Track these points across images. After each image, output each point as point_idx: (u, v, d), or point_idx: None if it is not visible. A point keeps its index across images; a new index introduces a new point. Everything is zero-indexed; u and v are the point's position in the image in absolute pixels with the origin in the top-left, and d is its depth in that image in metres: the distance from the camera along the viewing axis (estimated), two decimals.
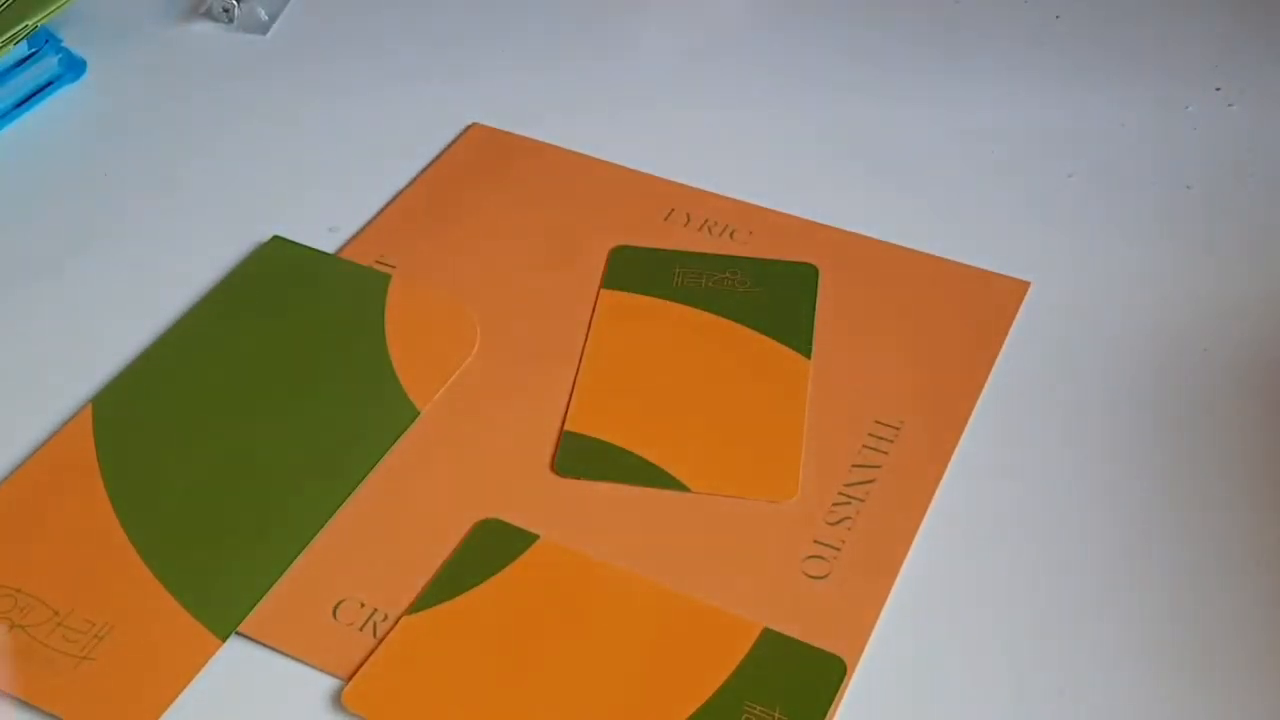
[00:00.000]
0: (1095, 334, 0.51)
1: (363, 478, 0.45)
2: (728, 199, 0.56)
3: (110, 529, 0.44)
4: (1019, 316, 0.51)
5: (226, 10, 0.67)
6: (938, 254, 0.53)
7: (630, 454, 0.47)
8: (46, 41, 0.64)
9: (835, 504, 0.45)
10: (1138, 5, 0.66)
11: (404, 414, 0.47)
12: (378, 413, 0.47)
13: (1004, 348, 0.50)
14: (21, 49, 0.62)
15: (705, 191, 0.57)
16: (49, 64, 0.64)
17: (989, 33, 0.65)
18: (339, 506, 0.45)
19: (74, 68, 0.64)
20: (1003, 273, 0.53)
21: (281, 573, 0.43)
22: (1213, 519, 0.45)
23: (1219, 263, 0.53)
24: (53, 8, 0.61)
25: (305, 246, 0.54)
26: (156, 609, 0.42)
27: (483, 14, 0.68)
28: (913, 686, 0.41)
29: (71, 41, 0.65)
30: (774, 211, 0.56)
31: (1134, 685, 0.40)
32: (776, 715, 0.39)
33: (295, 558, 0.43)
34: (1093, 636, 0.42)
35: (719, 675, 0.40)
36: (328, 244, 0.55)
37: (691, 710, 0.40)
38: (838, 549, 0.44)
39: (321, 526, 0.44)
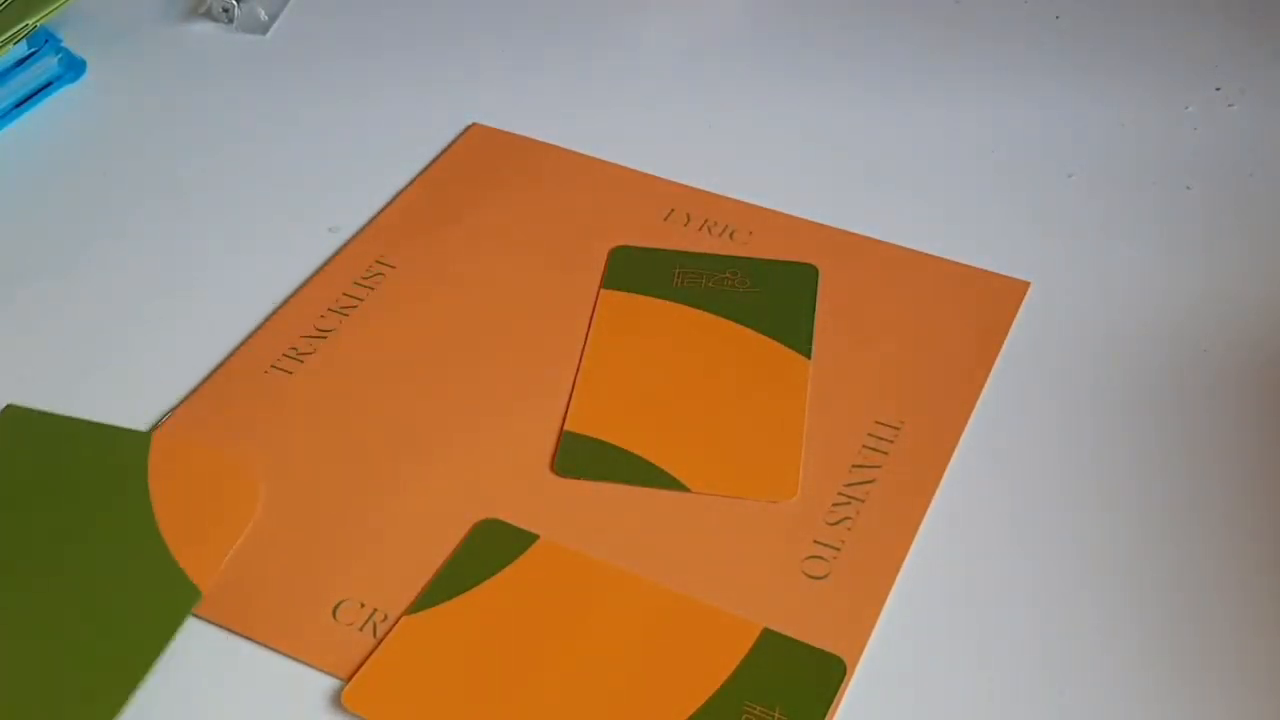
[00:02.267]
0: (1095, 334, 0.51)
1: (137, 683, 0.39)
2: (728, 199, 0.56)
3: None
4: (1019, 316, 0.51)
5: (226, 10, 0.67)
6: (938, 254, 0.53)
7: (630, 454, 0.47)
8: (46, 41, 0.64)
9: (835, 504, 0.45)
10: (1138, 5, 0.66)
11: (182, 594, 0.41)
12: (151, 597, 0.41)
13: (1004, 348, 0.50)
14: (21, 49, 0.62)
15: (705, 191, 0.57)
16: (49, 64, 0.64)
17: (989, 33, 0.65)
18: (126, 697, 0.39)
19: (74, 68, 0.64)
20: (1003, 273, 0.53)
21: None
22: (1212, 519, 0.45)
23: (1219, 263, 0.53)
24: (52, 8, 0.61)
25: (45, 412, 0.47)
26: None
27: (483, 14, 0.68)
28: (913, 686, 0.41)
29: (71, 41, 0.65)
30: (774, 211, 0.56)
31: (1134, 685, 0.40)
32: (776, 715, 0.39)
33: None
34: (1092, 636, 0.42)
35: (719, 675, 0.40)
36: (328, 244, 0.55)
37: (691, 710, 0.40)
38: (838, 549, 0.44)
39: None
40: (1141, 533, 0.44)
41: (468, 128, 0.61)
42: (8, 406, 0.48)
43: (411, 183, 0.58)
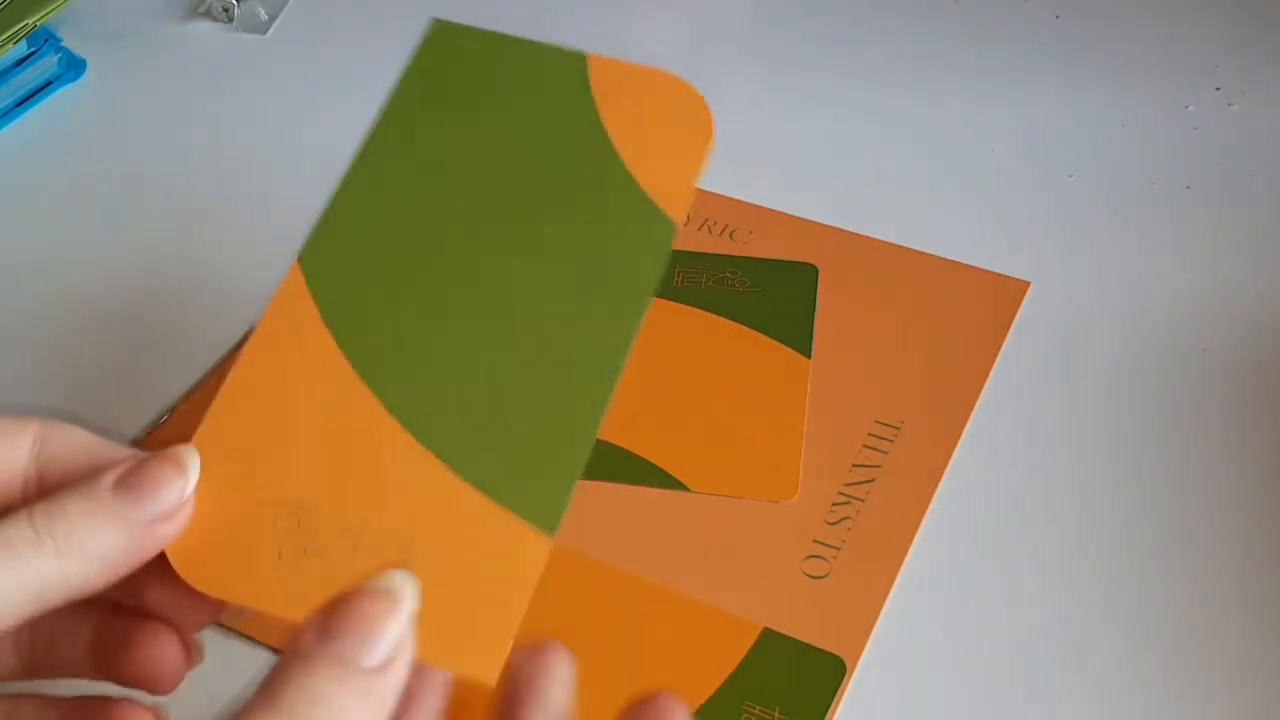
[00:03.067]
0: (1095, 334, 0.51)
1: (643, 309, 0.36)
2: (728, 199, 0.56)
3: (370, 409, 0.34)
4: (1019, 316, 0.51)
5: (226, 10, 0.67)
6: (938, 254, 0.53)
7: (630, 454, 0.47)
8: (46, 41, 0.64)
9: (835, 504, 0.45)
10: (1138, 5, 0.66)
11: (660, 228, 0.37)
12: (629, 230, 0.37)
13: (1004, 348, 0.50)
14: (21, 48, 0.62)
15: (705, 191, 0.57)
16: (49, 63, 0.64)
17: (989, 32, 0.65)
18: (628, 349, 0.35)
19: (74, 67, 0.64)
20: (1003, 273, 0.53)
21: (592, 440, 0.34)
22: (1212, 518, 0.45)
23: (1219, 263, 0.53)
24: (52, 7, 0.61)
25: (473, 28, 0.43)
26: (457, 503, 0.32)
27: (481, 13, 0.68)
28: (913, 686, 0.41)
29: (71, 41, 0.65)
30: (774, 211, 0.56)
31: (1135, 686, 0.40)
32: (776, 715, 0.39)
33: (601, 417, 0.34)
34: (1094, 636, 0.42)
35: (719, 675, 0.40)
36: None
37: (691, 710, 0.40)
38: (838, 549, 0.44)
39: (619, 372, 0.35)
40: (1142, 531, 0.44)
41: None
42: (435, 20, 0.44)
43: None
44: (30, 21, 0.60)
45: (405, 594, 0.29)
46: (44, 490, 0.30)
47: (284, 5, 0.69)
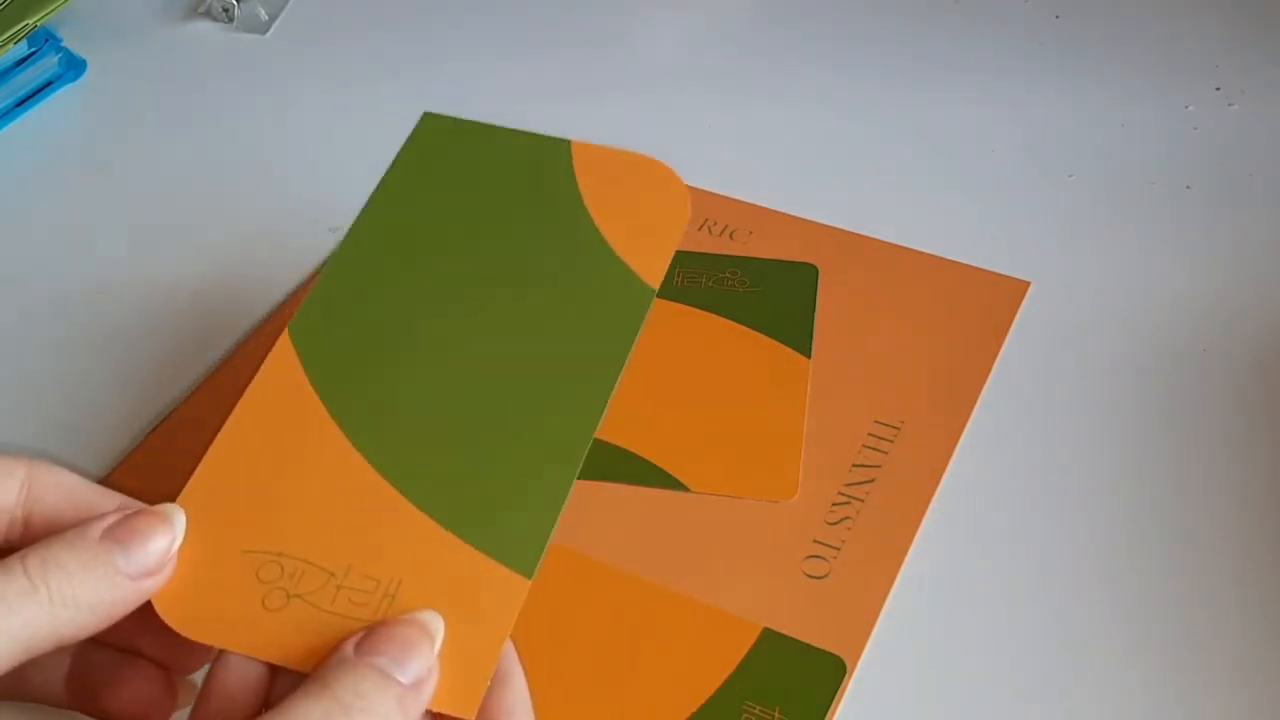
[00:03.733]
0: (1095, 334, 0.51)
1: (621, 366, 0.38)
2: (728, 199, 0.56)
3: (356, 467, 0.36)
4: (1019, 316, 0.51)
5: (226, 10, 0.67)
6: (938, 254, 0.53)
7: (630, 454, 0.47)
8: (46, 41, 0.64)
9: (835, 504, 0.45)
10: (1138, 5, 0.66)
11: (638, 293, 0.40)
12: (608, 295, 0.40)
13: (1004, 348, 0.50)
14: (21, 48, 0.62)
15: (705, 191, 0.57)
16: (49, 63, 0.64)
17: (988, 32, 0.65)
18: (605, 403, 0.37)
19: (74, 67, 0.64)
20: (1003, 273, 0.53)
21: (569, 490, 0.35)
22: (1212, 518, 0.45)
23: (1219, 263, 0.53)
24: (52, 7, 0.61)
25: (462, 120, 0.45)
26: (438, 550, 0.34)
27: (483, 14, 0.68)
28: (913, 686, 0.41)
29: (71, 41, 0.65)
30: (774, 211, 0.56)
31: (1135, 686, 0.40)
32: (776, 715, 0.39)
33: (578, 467, 0.36)
34: (1093, 637, 0.42)
35: (719, 675, 0.40)
36: (329, 244, 0.55)
37: (692, 710, 0.40)
38: (838, 549, 0.44)
39: (595, 427, 0.37)
40: (1141, 532, 0.44)
41: None
42: (426, 114, 0.46)
43: None
44: (30, 21, 0.60)
45: (436, 629, 0.31)
46: (29, 532, 0.30)
47: (284, 5, 0.69)
